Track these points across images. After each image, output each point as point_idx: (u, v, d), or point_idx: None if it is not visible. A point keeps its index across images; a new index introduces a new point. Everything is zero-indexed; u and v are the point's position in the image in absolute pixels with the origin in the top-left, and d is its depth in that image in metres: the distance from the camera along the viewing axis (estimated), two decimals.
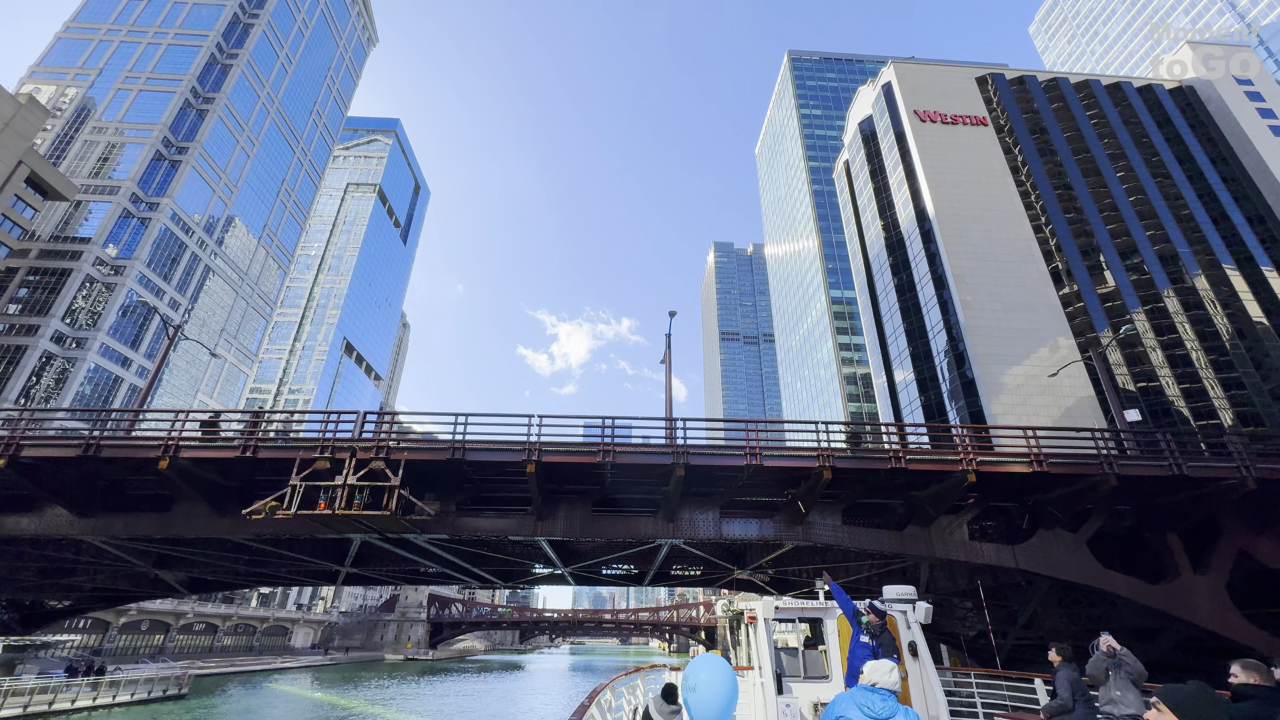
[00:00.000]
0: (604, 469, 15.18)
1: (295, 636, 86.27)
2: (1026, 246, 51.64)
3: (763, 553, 20.57)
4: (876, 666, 3.91)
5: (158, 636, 60.20)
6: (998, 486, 16.27)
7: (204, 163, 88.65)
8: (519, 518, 16.20)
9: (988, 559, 16.34)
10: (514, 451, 14.39)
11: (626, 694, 8.89)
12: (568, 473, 15.89)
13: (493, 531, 16.02)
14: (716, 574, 26.72)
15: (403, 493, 13.59)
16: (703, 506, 16.66)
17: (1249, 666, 4.59)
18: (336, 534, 15.78)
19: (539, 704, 46.39)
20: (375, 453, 13.95)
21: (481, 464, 14.92)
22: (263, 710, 34.64)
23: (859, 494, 17.26)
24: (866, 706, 3.72)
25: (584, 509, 16.35)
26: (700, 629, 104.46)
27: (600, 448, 14.38)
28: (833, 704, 3.92)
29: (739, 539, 16.33)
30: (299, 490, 13.24)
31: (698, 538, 16.23)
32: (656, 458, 14.65)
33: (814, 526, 16.36)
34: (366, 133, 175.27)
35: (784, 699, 7.92)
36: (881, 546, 16.36)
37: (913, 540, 16.45)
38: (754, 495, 17.73)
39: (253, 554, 21.26)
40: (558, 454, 14.50)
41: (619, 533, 16.17)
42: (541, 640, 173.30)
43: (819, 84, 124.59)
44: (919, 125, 57.49)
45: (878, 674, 3.85)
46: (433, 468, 15.11)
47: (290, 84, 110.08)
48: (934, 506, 16.23)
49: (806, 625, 9.41)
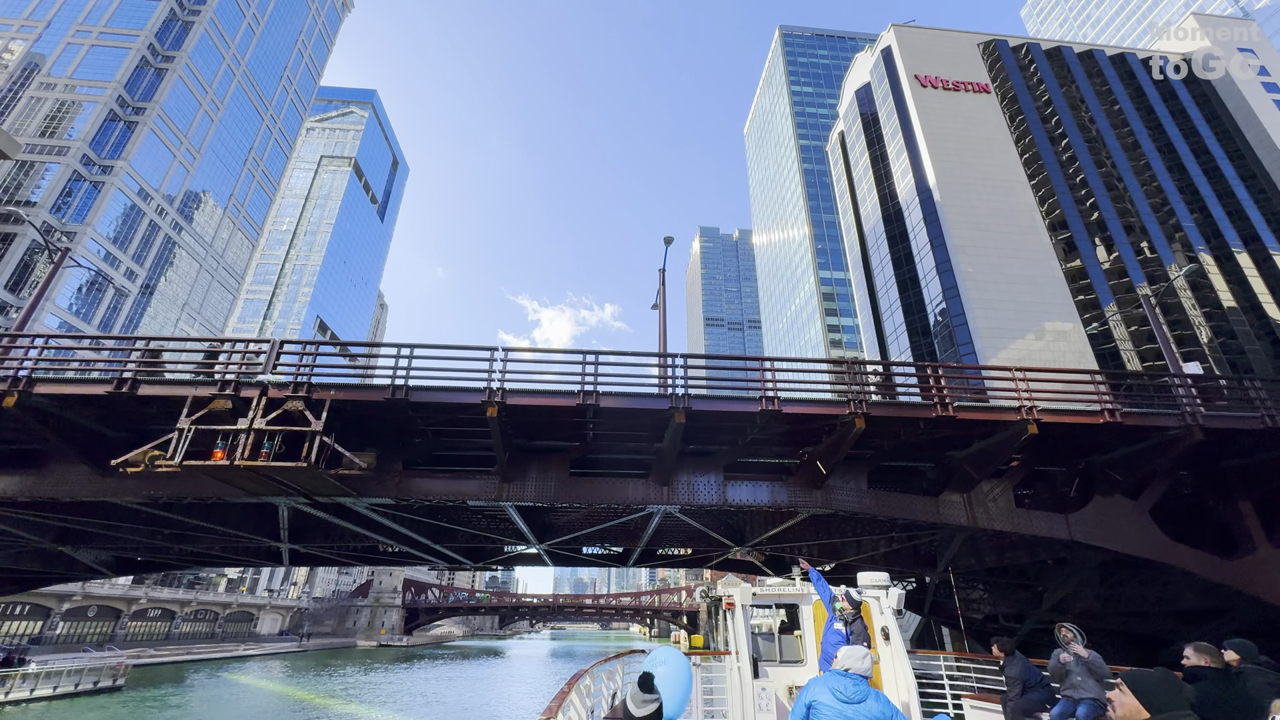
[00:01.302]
0: (584, 416, 12.32)
1: (262, 623, 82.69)
2: (1030, 218, 49.51)
3: (768, 524, 17.92)
4: (850, 652, 4.17)
5: (107, 624, 56.41)
6: (1056, 443, 13.74)
7: (163, 125, 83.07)
8: (481, 480, 13.28)
9: (1036, 530, 13.84)
10: (471, 392, 11.46)
11: (606, 679, 8.59)
12: (539, 422, 13.01)
13: (449, 495, 13.09)
14: (710, 552, 24.11)
15: (326, 440, 10.60)
16: (703, 468, 13.90)
17: (1201, 649, 4.80)
18: (252, 496, 12.75)
19: (516, 693, 43.78)
20: (292, 390, 10.93)
21: (431, 408, 11.97)
22: (204, 704, 31.50)
23: (886, 454, 14.65)
24: (839, 690, 3.96)
25: (560, 470, 13.50)
26: (682, 613, 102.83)
27: (580, 390, 11.50)
28: (806, 688, 4.18)
29: (746, 506, 13.61)
30: (187, 435, 10.19)
31: (696, 504, 13.48)
32: (650, 403, 11.81)
33: (835, 491, 13.70)
34: (342, 103, 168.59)
35: (760, 683, 8.06)
36: (914, 515, 13.76)
37: (950, 508, 13.88)
38: (762, 455, 15.02)
39: (173, 526, 18.07)
40: (526, 396, 11.59)
41: (602, 497, 13.36)
42: (521, 626, 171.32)
43: (810, 60, 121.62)
44: (920, 91, 54.87)
45: (850, 660, 4.12)
46: (370, 413, 12.13)
47: (258, 46, 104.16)
48: (977, 468, 13.65)
49: (783, 611, 9.55)
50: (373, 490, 12.87)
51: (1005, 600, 22.94)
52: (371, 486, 12.86)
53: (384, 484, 12.94)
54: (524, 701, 38.61)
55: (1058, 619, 21.91)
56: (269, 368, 10.95)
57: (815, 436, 13.57)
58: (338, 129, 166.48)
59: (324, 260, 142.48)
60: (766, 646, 8.79)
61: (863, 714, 3.89)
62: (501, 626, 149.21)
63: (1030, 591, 21.53)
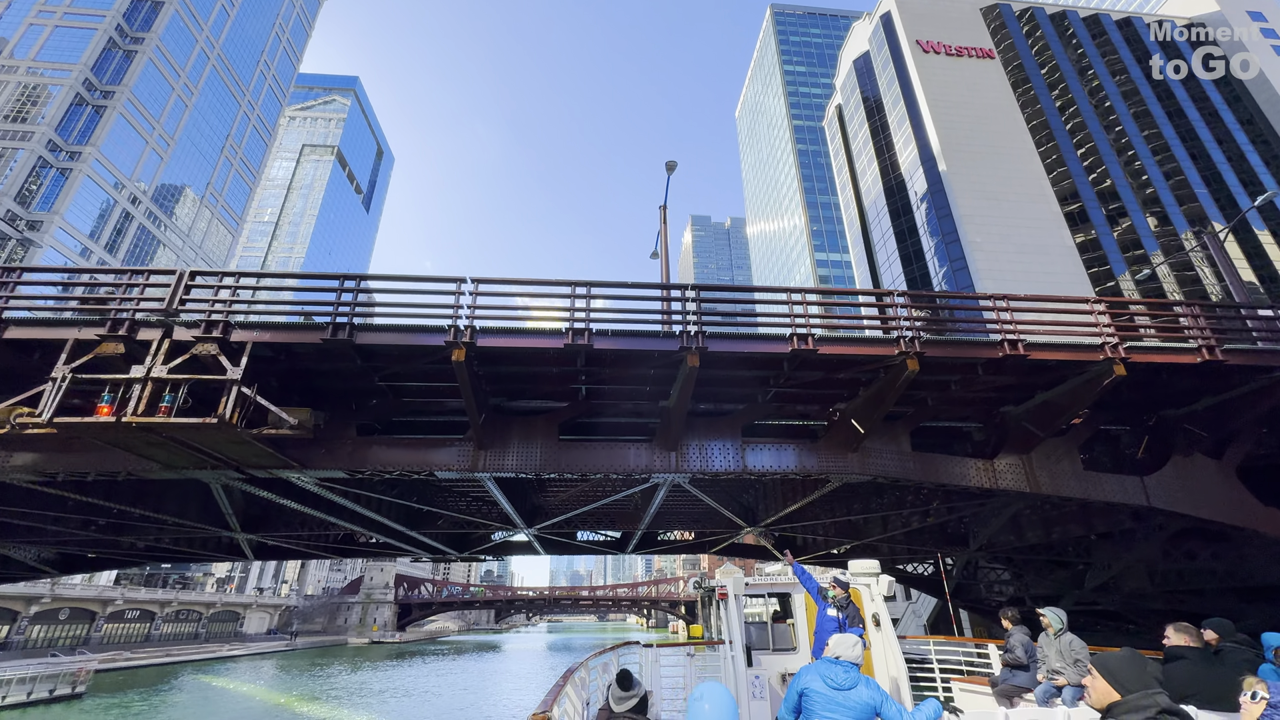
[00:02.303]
0: (574, 363, 10.10)
1: (249, 622, 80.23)
2: (1038, 186, 47.52)
3: (786, 499, 15.79)
4: (840, 640, 4.29)
5: (80, 627, 53.83)
6: (1132, 394, 11.67)
7: (134, 110, 79.65)
8: (452, 448, 11.04)
9: (1108, 495, 11.77)
10: (432, 332, 9.20)
11: (600, 672, 8.73)
12: (520, 374, 10.81)
13: (413, 466, 10.85)
14: (717, 535, 22.02)
15: (246, 392, 8.33)
16: (717, 430, 11.72)
17: (1180, 629, 4.97)
18: (172, 471, 10.46)
19: (511, 689, 41.73)
20: (204, 330, 8.63)
21: (382, 353, 9.71)
22: (170, 711, 29.17)
23: (928, 412, 12.53)
24: (830, 678, 4.10)
25: (547, 434, 11.30)
26: (680, 603, 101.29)
27: (570, 329, 9.26)
28: (798, 675, 4.32)
29: (768, 473, 11.46)
30: (61, 384, 7.87)
31: (710, 471, 11.31)
32: (656, 344, 9.58)
33: (874, 455, 11.57)
34: (323, 91, 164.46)
35: (753, 671, 8.14)
36: (966, 480, 11.65)
37: (1007, 472, 11.78)
38: (785, 416, 12.87)
39: (104, 515, 15.74)
40: (503, 337, 9.33)
41: (598, 465, 11.16)
42: (518, 619, 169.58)
43: (803, 39, 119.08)
44: (922, 57, 52.63)
45: (841, 647, 4.23)
46: (309, 362, 9.86)
47: (233, 29, 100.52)
48: (1040, 423, 11.56)
49: (775, 599, 9.60)
50: (320, 461, 10.60)
51: (1040, 580, 21.00)
52: (318, 457, 10.59)
53: (334, 454, 10.68)
54: (519, 699, 36.57)
55: (1102, 600, 20.06)
56: (172, 302, 8.63)
57: (851, 388, 11.42)
58: (320, 117, 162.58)
59: (308, 252, 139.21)
60: (760, 635, 8.89)
61: (853, 700, 4.01)
62: (498, 620, 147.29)
63: (1070, 570, 19.59)
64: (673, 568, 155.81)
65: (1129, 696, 2.51)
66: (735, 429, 11.80)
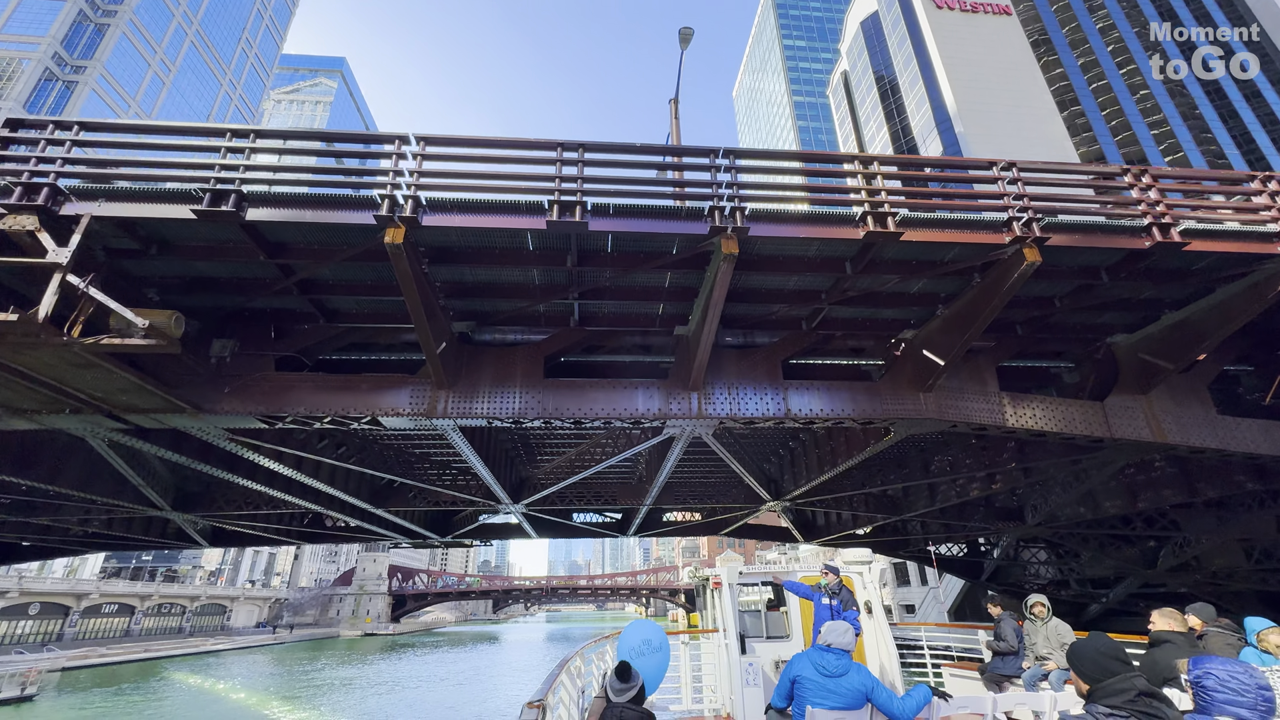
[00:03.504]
0: (563, 258, 7.38)
1: (236, 615, 77.71)
2: (1061, 147, 44.78)
3: (824, 463, 13.06)
4: (832, 628, 4.34)
5: (53, 622, 51.18)
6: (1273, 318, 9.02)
7: (107, 86, 76.12)
8: (405, 389, 8.34)
9: (1251, 446, 9.16)
10: (358, 206, 6.45)
11: (596, 660, 8.47)
12: (489, 281, 8.08)
13: (351, 411, 8.16)
14: (731, 512, 19.43)
15: (75, 284, 5.61)
16: (750, 366, 9.04)
17: (1165, 614, 5.13)
18: (25, 419, 7.75)
19: (509, 684, 39.31)
20: (22, 198, 5.89)
21: (294, 242, 6.98)
22: (129, 715, 26.54)
23: (1016, 345, 9.88)
24: (821, 665, 4.18)
25: (529, 371, 8.61)
26: (679, 592, 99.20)
27: (556, 201, 6.50)
28: (791, 663, 4.38)
29: (817, 419, 8.81)
30: None
31: (743, 417, 8.63)
32: (678, 226, 6.83)
33: (951, 395, 8.92)
34: (309, 72, 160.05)
35: (747, 658, 8.11)
36: (1072, 428, 9.01)
37: (1124, 418, 9.13)
38: (827, 355, 10.16)
39: (14, 492, 13.03)
40: (461, 214, 6.58)
41: (596, 410, 8.48)
42: (516, 609, 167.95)
43: (802, 13, 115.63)
44: (935, 13, 49.63)
45: (832, 635, 4.30)
46: (198, 257, 7.11)
47: (212, 4, 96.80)
48: (1168, 354, 8.90)
49: (769, 589, 9.71)
50: (223, 404, 7.87)
51: (1097, 561, 18.51)
52: (219, 397, 7.86)
53: (242, 394, 7.95)
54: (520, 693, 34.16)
55: (1175, 582, 17.59)
56: None
57: (927, 305, 8.73)
58: (306, 100, 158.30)
59: None
60: (753, 623, 8.95)
61: (844, 686, 4.09)
62: (495, 611, 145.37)
63: (1138, 548, 17.09)
64: (671, 556, 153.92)
65: (1108, 680, 2.56)
66: (773, 364, 9.12)
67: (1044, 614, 7.39)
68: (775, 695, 4.49)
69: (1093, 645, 2.70)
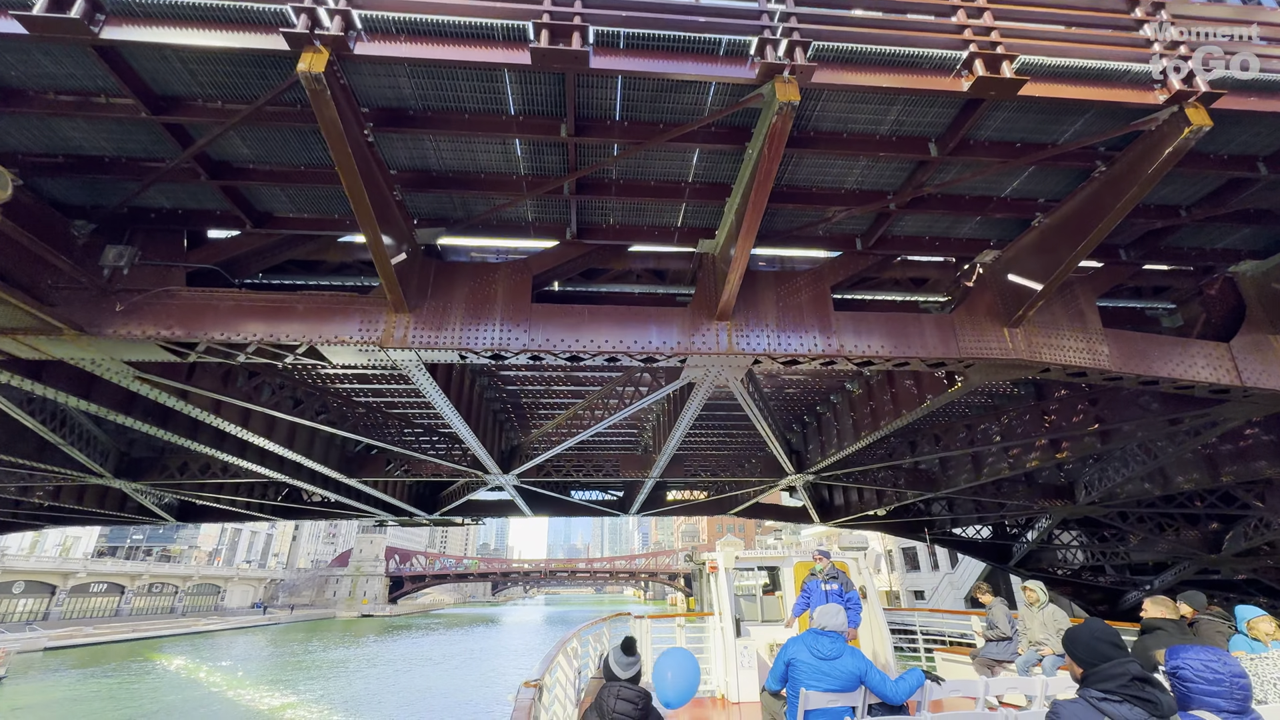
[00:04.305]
0: (555, 128, 5.53)
1: (230, 595, 76.72)
2: None
3: (861, 428, 11.21)
4: (825, 611, 4.39)
5: (39, 601, 49.93)
6: None
7: None
8: (354, 311, 6.53)
9: None
10: (262, 25, 4.59)
11: (593, 641, 8.60)
12: (458, 169, 6.21)
13: (285, 339, 6.37)
14: (744, 487, 17.70)
15: None
16: (791, 292, 7.22)
17: (1158, 602, 5.29)
18: None
19: (507, 666, 38.03)
20: None
21: (185, 90, 5.13)
22: (98, 699, 25.09)
23: (1119, 273, 8.05)
24: (815, 649, 4.21)
25: (514, 292, 6.81)
26: (678, 576, 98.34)
27: (545, 23, 4.64)
28: (786, 646, 4.41)
29: (876, 358, 7.02)
30: None
31: (786, 353, 6.84)
32: (712, 68, 4.93)
33: (1043, 332, 7.12)
34: None
35: (742, 641, 8.21)
36: (1193, 374, 7.21)
37: (1255, 362, 7.33)
38: (882, 289, 8.34)
39: None
40: (410, 38, 4.71)
41: (598, 343, 6.69)
42: (515, 592, 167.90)
43: None
44: None
45: (826, 618, 4.35)
46: (34, 87, 5.25)
47: None
48: None
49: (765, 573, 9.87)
50: (114, 326, 6.05)
51: (1149, 545, 16.81)
52: (108, 316, 6.05)
53: (141, 313, 6.13)
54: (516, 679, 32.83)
55: (1241, 567, 15.91)
56: None
57: (1023, 212, 6.88)
58: None
59: None
60: (749, 607, 9.14)
61: (838, 669, 4.13)
62: (494, 593, 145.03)
63: (1200, 531, 15.38)
64: (670, 540, 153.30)
65: (1103, 665, 2.56)
66: (820, 290, 7.29)
67: (1038, 600, 7.50)
68: (770, 678, 4.57)
69: (1088, 630, 2.71)
